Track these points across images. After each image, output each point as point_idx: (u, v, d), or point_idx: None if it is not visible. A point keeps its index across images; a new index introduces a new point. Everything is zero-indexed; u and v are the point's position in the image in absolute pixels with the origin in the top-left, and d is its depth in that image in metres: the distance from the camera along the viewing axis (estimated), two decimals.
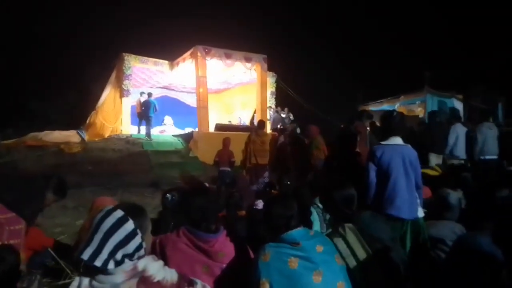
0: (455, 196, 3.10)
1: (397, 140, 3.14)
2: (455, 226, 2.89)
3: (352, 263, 2.04)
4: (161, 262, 1.55)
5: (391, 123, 3.21)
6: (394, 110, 3.46)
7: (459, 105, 14.16)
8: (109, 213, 1.44)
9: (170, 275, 1.53)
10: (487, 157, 5.99)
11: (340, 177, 3.31)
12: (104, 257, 1.36)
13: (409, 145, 3.18)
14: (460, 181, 3.79)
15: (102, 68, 14.27)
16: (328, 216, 3.26)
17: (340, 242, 2.08)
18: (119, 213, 1.44)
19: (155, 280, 1.45)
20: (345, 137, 4.86)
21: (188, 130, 13.99)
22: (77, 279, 1.41)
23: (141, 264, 1.45)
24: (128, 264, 1.42)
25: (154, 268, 1.48)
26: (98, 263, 1.34)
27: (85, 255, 1.35)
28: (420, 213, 3.04)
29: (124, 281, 1.38)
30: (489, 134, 6.05)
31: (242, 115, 16.07)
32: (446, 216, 2.99)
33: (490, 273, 1.54)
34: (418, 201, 3.06)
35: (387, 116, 3.29)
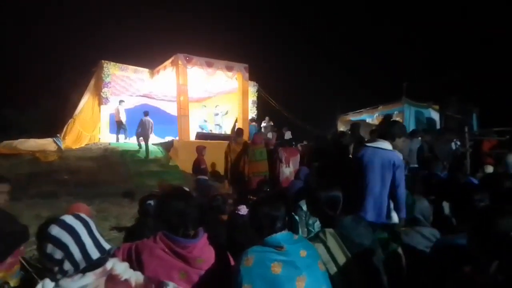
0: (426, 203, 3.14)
1: (383, 144, 3.10)
2: (430, 231, 2.92)
3: (333, 269, 2.02)
4: (126, 264, 1.57)
5: (387, 127, 3.18)
6: (390, 115, 3.45)
7: (435, 115, 14.54)
8: None
9: (135, 276, 1.54)
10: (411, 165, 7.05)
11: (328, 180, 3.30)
12: None
13: (396, 151, 3.12)
14: (430, 189, 3.85)
15: (81, 75, 14.03)
16: (311, 221, 3.25)
17: (320, 248, 2.06)
18: None
19: (123, 279, 1.46)
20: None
21: (168, 138, 13.84)
22: (39, 285, 1.35)
23: (109, 264, 1.46)
24: (99, 269, 1.42)
25: (121, 268, 1.50)
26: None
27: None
28: (393, 219, 3.01)
29: (93, 281, 1.37)
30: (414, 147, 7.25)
31: (224, 124, 16.02)
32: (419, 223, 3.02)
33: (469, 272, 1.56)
34: (392, 206, 3.05)
35: (387, 119, 3.28)
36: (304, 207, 3.44)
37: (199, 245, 1.85)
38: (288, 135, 14.51)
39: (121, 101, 13.16)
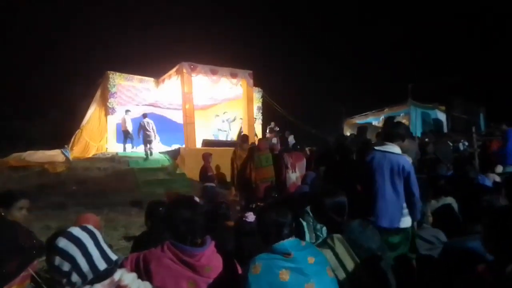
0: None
1: (393, 148, 3.04)
2: (431, 233, 2.91)
3: (341, 275, 2.00)
4: (134, 274, 1.58)
5: (392, 130, 3.16)
6: (393, 117, 3.42)
7: (442, 116, 14.45)
8: None
9: (143, 286, 1.55)
10: None
11: (332, 185, 3.27)
12: None
13: (405, 155, 3.07)
14: (440, 190, 3.82)
15: (87, 86, 14.19)
16: (318, 226, 3.23)
17: (329, 254, 2.04)
18: None
19: None
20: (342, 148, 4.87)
21: (175, 146, 13.89)
22: None
23: (117, 275, 1.47)
24: (106, 280, 1.43)
25: (129, 278, 1.51)
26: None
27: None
28: (405, 223, 2.96)
29: None
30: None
31: (231, 131, 16.05)
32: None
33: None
34: (405, 211, 3.00)
35: (390, 121, 3.25)
36: (312, 214, 3.42)
37: (206, 253, 1.84)
38: (291, 139, 14.47)
39: (127, 111, 13.27)
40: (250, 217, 3.44)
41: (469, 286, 1.57)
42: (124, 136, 13.21)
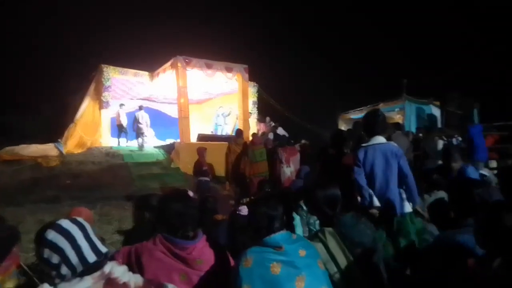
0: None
1: (379, 140, 3.15)
2: (430, 227, 2.93)
3: (333, 268, 2.00)
4: (125, 267, 1.57)
5: (374, 123, 3.22)
6: (378, 109, 3.45)
7: (436, 111, 14.49)
8: None
9: (134, 278, 1.53)
10: None
11: (325, 177, 3.30)
12: None
13: (392, 142, 3.19)
14: (433, 184, 3.84)
15: (81, 80, 14.03)
16: (312, 220, 3.25)
17: (320, 247, 2.04)
18: None
19: (121, 282, 1.47)
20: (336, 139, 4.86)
21: (169, 141, 13.86)
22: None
23: (107, 267, 1.46)
24: (97, 272, 1.42)
25: (119, 271, 1.50)
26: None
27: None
28: (407, 208, 3.04)
29: (91, 284, 1.38)
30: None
31: (225, 125, 16.04)
32: None
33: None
34: (404, 196, 3.07)
35: (370, 115, 3.30)
36: (305, 206, 3.43)
37: (198, 246, 1.84)
38: (280, 131, 14.43)
39: (121, 105, 13.23)
40: (244, 210, 3.44)
41: (461, 281, 1.58)
42: (119, 130, 13.19)
